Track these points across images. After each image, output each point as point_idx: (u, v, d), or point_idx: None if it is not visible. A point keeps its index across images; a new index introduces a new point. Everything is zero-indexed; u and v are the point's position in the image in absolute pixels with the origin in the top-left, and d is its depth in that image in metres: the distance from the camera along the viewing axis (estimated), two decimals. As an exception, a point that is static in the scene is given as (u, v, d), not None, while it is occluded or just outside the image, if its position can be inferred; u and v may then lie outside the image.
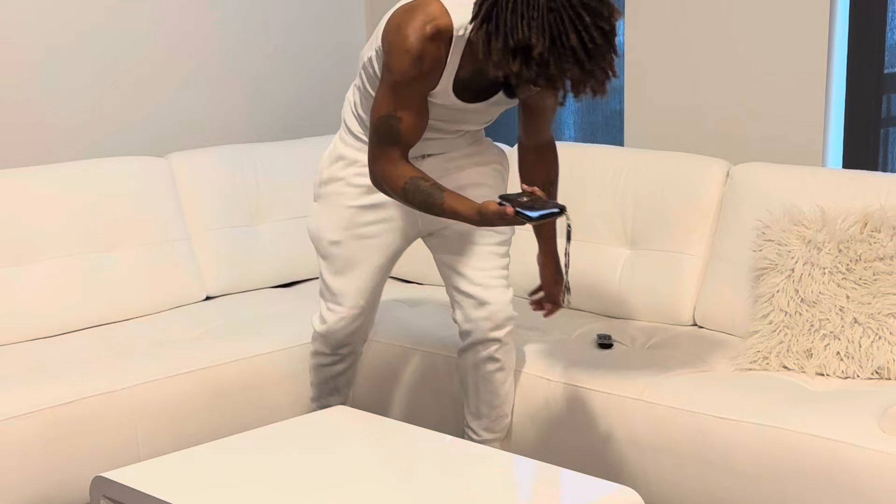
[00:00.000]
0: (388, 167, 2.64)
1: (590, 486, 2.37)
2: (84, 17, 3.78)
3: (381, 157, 2.65)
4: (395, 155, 2.64)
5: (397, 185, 2.63)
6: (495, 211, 2.46)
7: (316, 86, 4.40)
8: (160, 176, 3.70)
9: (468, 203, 2.55)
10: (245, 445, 2.56)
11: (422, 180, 2.61)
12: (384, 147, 2.64)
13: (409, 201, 2.63)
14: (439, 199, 2.57)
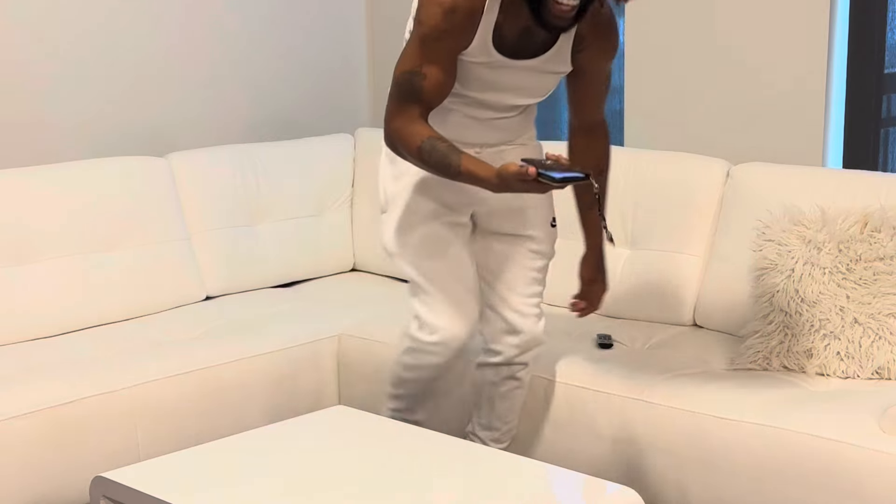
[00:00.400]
0: (405, 126, 2.51)
1: (590, 486, 2.37)
2: (84, 17, 3.78)
3: (400, 115, 2.52)
4: (414, 114, 2.51)
5: (413, 145, 2.49)
6: (515, 172, 2.31)
7: (316, 86, 4.40)
8: (160, 176, 3.70)
9: (487, 166, 2.41)
10: (245, 445, 2.56)
11: (439, 141, 2.47)
12: (404, 105, 2.52)
13: (424, 162, 2.50)
14: (456, 161, 2.43)
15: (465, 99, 2.64)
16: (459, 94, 2.62)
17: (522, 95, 2.68)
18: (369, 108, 4.58)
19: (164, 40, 3.96)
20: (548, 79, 2.66)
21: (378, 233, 2.86)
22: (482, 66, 2.56)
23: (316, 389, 3.41)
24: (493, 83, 2.60)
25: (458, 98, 2.63)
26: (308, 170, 4.07)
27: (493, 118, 2.69)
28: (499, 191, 2.39)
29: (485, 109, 2.66)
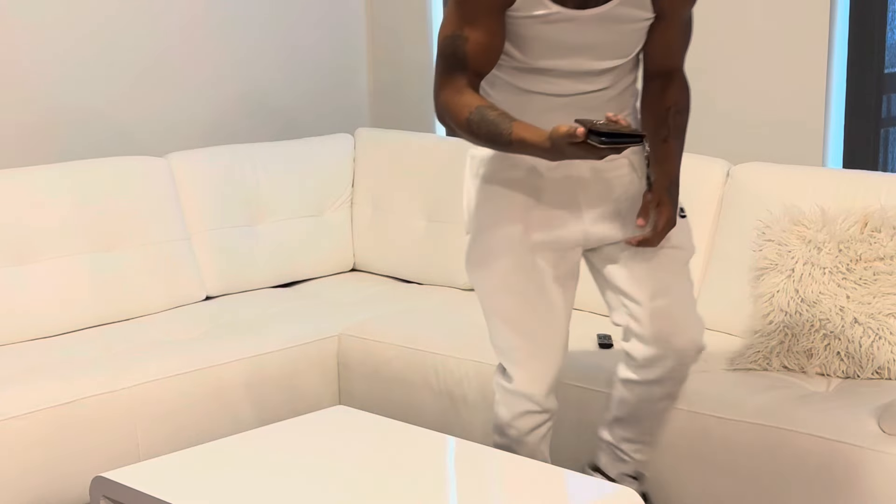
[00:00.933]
0: (452, 97, 2.31)
1: (590, 486, 2.37)
2: (84, 17, 3.78)
3: (446, 85, 2.33)
4: (461, 83, 2.31)
5: (461, 117, 2.29)
6: (565, 133, 2.10)
7: (316, 86, 4.40)
8: (160, 176, 3.70)
9: (539, 131, 2.19)
10: (245, 445, 2.56)
11: (490, 109, 2.27)
12: (449, 74, 2.32)
13: (473, 134, 2.29)
14: (507, 129, 2.22)
15: (533, 72, 2.36)
16: (525, 66, 2.36)
17: (600, 56, 2.35)
18: (369, 108, 4.58)
19: (165, 40, 3.97)
20: (627, 30, 2.35)
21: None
22: (539, 22, 2.28)
23: (316, 389, 3.41)
24: (558, 44, 2.31)
25: (526, 73, 2.37)
26: (308, 170, 4.07)
27: (577, 94, 2.38)
28: (553, 158, 2.19)
29: (560, 80, 2.36)
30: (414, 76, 4.43)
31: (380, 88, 4.55)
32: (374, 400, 3.35)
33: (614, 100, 2.43)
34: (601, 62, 2.36)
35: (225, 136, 4.12)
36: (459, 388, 3.17)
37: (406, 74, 4.45)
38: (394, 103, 4.52)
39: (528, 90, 2.38)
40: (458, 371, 3.18)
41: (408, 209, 4.00)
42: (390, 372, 3.34)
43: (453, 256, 3.85)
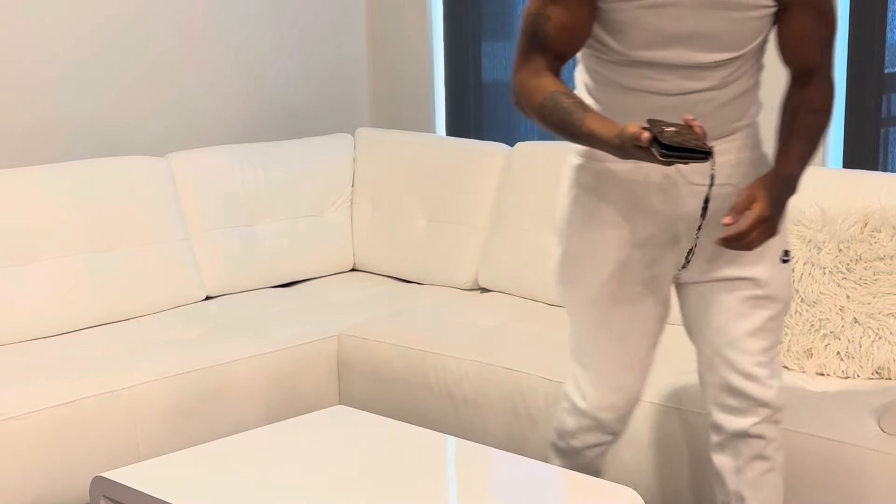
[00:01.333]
0: (528, 79, 2.18)
1: (590, 486, 2.36)
2: (84, 18, 3.78)
3: (525, 65, 2.20)
4: (540, 64, 2.17)
5: (535, 100, 2.16)
6: (632, 134, 1.98)
7: (316, 86, 4.40)
8: (160, 176, 3.70)
9: (611, 125, 2.05)
10: (245, 445, 2.56)
11: (564, 96, 2.13)
12: (529, 53, 2.19)
13: (545, 120, 2.16)
14: (579, 119, 2.09)
15: (634, 66, 2.18)
16: (625, 59, 2.18)
17: (707, 47, 2.14)
18: (369, 108, 4.58)
19: (164, 41, 3.97)
20: (740, 19, 2.13)
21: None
22: (636, 6, 2.11)
23: (316, 389, 3.41)
24: (658, 32, 2.12)
25: (626, 67, 2.19)
26: (308, 170, 4.07)
27: (683, 93, 2.18)
28: (621, 156, 2.04)
29: (664, 76, 2.17)
30: (414, 76, 4.43)
31: (380, 88, 4.56)
32: (374, 400, 3.35)
33: (728, 105, 2.21)
34: (708, 54, 2.14)
35: (225, 136, 4.12)
36: (459, 388, 3.17)
37: (406, 74, 4.45)
38: (394, 103, 4.52)
39: (631, 88, 2.20)
40: (458, 371, 3.18)
41: (408, 209, 4.00)
42: (390, 372, 3.34)
43: (453, 256, 3.85)
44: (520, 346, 3.20)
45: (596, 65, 2.24)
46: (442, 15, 4.35)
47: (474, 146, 3.97)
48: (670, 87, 2.17)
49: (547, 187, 3.67)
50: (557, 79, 2.18)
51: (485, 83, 4.33)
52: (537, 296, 3.62)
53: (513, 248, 3.70)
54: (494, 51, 4.28)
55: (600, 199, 2.30)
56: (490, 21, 4.27)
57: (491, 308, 3.59)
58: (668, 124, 1.98)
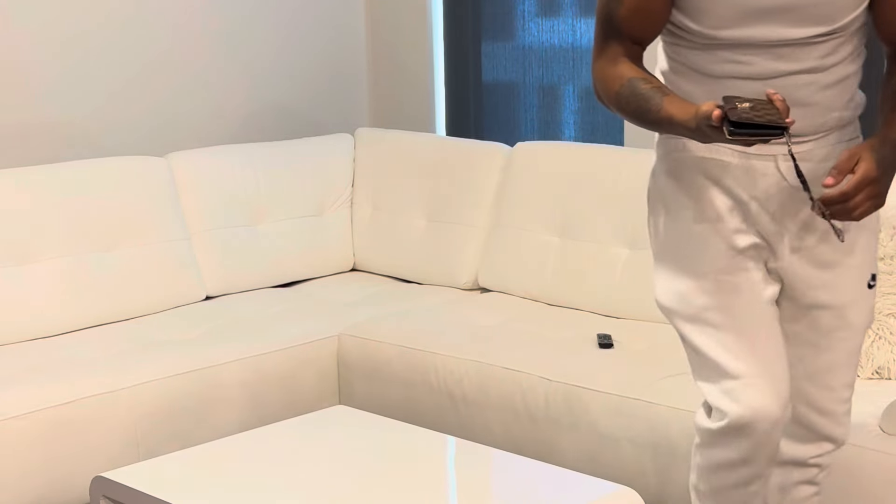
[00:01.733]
0: (606, 68, 2.06)
1: (590, 486, 2.37)
2: (83, 17, 3.78)
3: (601, 54, 2.08)
4: (616, 52, 2.05)
5: (612, 89, 2.04)
6: (704, 112, 1.84)
7: (316, 86, 4.40)
8: (160, 176, 3.70)
9: (688, 107, 1.91)
10: (245, 445, 2.56)
11: (642, 81, 2.00)
12: (605, 42, 2.08)
13: (623, 110, 2.03)
14: (657, 105, 1.95)
15: (718, 48, 2.02)
16: (707, 41, 2.02)
17: (799, 20, 1.96)
18: (369, 108, 4.58)
19: (164, 40, 3.97)
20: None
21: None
22: None
23: (316, 389, 3.40)
24: (743, 6, 1.96)
25: (710, 50, 2.03)
26: (308, 170, 4.07)
27: (778, 75, 2.01)
28: (701, 140, 1.91)
29: (753, 58, 2.00)
30: (414, 76, 4.43)
31: (380, 88, 4.55)
32: (374, 400, 3.35)
33: (826, 92, 2.04)
34: (799, 28, 1.96)
35: (225, 136, 4.12)
36: (459, 388, 3.17)
37: (406, 74, 4.45)
38: (394, 103, 4.52)
39: (716, 75, 2.04)
40: (458, 371, 3.18)
41: (408, 209, 4.00)
42: (390, 372, 3.34)
43: (453, 256, 3.85)
44: (520, 346, 3.20)
45: (675, 52, 2.09)
46: (442, 15, 4.35)
47: (474, 146, 3.97)
48: (760, 69, 2.00)
49: (547, 187, 3.67)
50: (636, 65, 2.05)
51: (485, 83, 4.33)
52: (537, 296, 3.62)
53: (513, 248, 3.70)
54: (494, 51, 4.28)
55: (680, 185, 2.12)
56: (490, 21, 4.27)
57: (491, 308, 3.59)
58: (743, 100, 1.84)
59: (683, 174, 2.11)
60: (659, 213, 2.16)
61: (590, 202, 3.56)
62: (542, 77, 4.16)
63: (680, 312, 2.15)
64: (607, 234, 3.52)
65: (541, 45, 4.14)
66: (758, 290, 2.10)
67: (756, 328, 2.09)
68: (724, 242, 2.09)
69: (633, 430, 2.86)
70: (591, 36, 4.01)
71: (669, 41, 2.10)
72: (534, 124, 4.23)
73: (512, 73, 4.25)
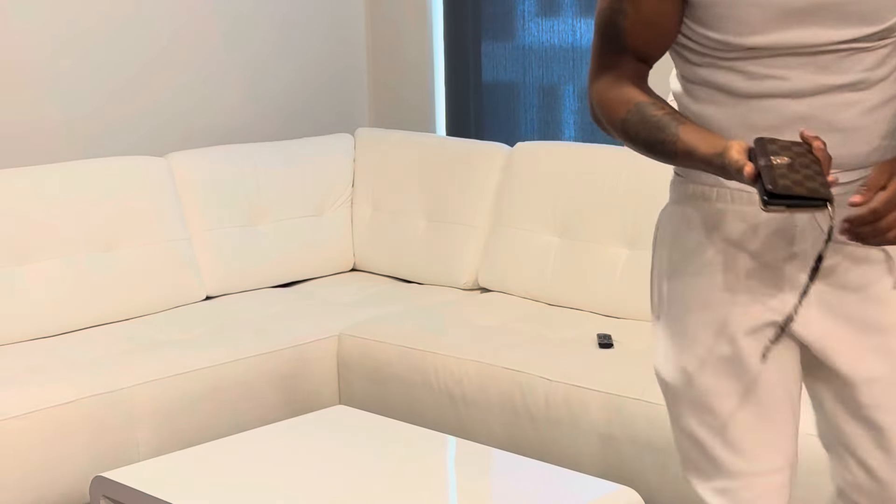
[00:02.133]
0: (608, 89, 1.77)
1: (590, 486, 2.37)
2: (83, 17, 3.78)
3: (601, 73, 1.79)
4: (619, 70, 1.77)
5: (616, 115, 1.75)
6: (734, 162, 1.56)
7: (316, 85, 4.40)
8: (160, 176, 3.70)
9: (712, 140, 1.63)
10: (245, 445, 2.56)
11: (653, 106, 1.72)
12: (606, 59, 1.78)
13: (631, 140, 1.74)
14: (672, 135, 1.67)
15: (746, 60, 1.69)
16: (733, 53, 1.69)
17: (840, 20, 1.65)
18: (369, 108, 4.58)
19: (164, 40, 3.97)
20: None
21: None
22: None
23: (316, 389, 3.41)
24: (776, 6, 1.64)
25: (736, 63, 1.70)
26: (308, 170, 4.07)
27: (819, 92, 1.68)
28: (719, 175, 1.63)
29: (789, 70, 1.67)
30: (414, 76, 4.43)
31: (380, 88, 4.56)
32: (374, 400, 3.35)
33: (875, 114, 1.70)
34: (843, 29, 1.65)
35: (225, 136, 4.12)
36: (459, 388, 3.17)
37: (406, 74, 4.46)
38: (394, 103, 4.52)
39: (744, 94, 1.71)
40: (458, 371, 3.18)
41: (408, 209, 4.00)
42: (390, 372, 3.34)
43: (453, 256, 3.85)
44: (520, 346, 3.20)
45: (689, 71, 1.78)
46: (442, 15, 4.35)
47: (474, 146, 3.97)
48: (797, 85, 1.67)
49: (547, 187, 3.67)
50: (643, 86, 1.77)
51: (485, 83, 4.33)
52: (537, 296, 3.62)
53: (513, 248, 3.70)
54: (494, 51, 4.28)
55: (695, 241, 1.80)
56: (490, 21, 4.27)
57: (491, 308, 3.59)
58: (779, 149, 1.57)
59: (701, 228, 1.79)
60: (665, 264, 1.84)
61: (590, 202, 3.56)
62: (542, 77, 4.17)
63: (680, 392, 1.82)
64: (607, 234, 3.52)
65: (541, 45, 4.14)
66: (782, 372, 1.77)
67: (770, 416, 1.77)
68: (743, 316, 1.75)
69: (633, 430, 2.86)
70: (591, 36, 4.02)
71: (683, 58, 1.79)
72: (534, 124, 4.24)
73: (512, 73, 4.25)
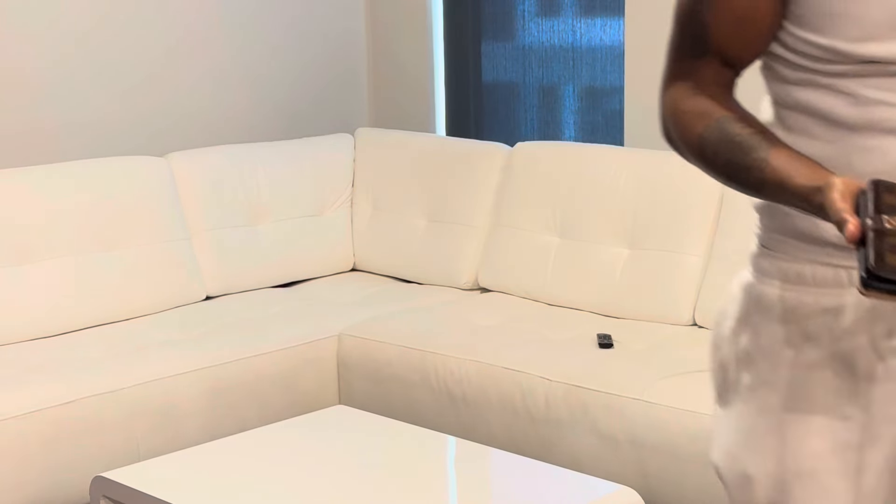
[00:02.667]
0: (683, 99, 1.45)
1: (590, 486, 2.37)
2: (84, 17, 3.78)
3: (677, 79, 1.48)
4: (699, 75, 1.45)
5: (692, 131, 1.42)
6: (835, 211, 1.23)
7: (316, 85, 4.40)
8: (160, 176, 3.70)
9: (813, 170, 1.30)
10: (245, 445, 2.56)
11: (737, 122, 1.40)
12: (683, 62, 1.48)
13: (707, 162, 1.42)
14: (760, 158, 1.34)
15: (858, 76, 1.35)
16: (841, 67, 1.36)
17: None
18: (369, 108, 4.58)
19: (164, 40, 3.97)
20: None
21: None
22: None
23: (316, 389, 3.41)
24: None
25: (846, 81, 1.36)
26: (308, 170, 4.07)
27: None
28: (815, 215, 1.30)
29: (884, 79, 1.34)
30: (414, 76, 4.43)
31: (380, 88, 4.56)
32: (374, 400, 3.35)
33: None
34: None
35: (225, 136, 4.11)
36: (459, 388, 3.17)
37: (406, 74, 4.45)
38: (394, 103, 4.52)
39: (848, 125, 1.37)
40: (458, 371, 3.18)
41: (408, 209, 4.00)
42: (390, 372, 3.34)
43: (453, 256, 3.85)
44: (520, 346, 3.20)
45: (784, 91, 1.45)
46: (442, 15, 4.35)
47: (474, 146, 3.97)
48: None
49: (547, 187, 3.67)
50: (728, 97, 1.45)
51: (485, 83, 4.33)
52: (537, 296, 3.62)
53: (513, 248, 3.70)
54: (494, 51, 4.28)
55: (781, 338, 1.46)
56: (490, 21, 4.27)
57: (491, 308, 3.59)
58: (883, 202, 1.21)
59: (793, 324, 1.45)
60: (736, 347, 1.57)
61: (590, 202, 3.56)
62: (542, 77, 4.17)
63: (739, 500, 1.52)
64: (607, 234, 3.52)
65: (541, 45, 4.14)
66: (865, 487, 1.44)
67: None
68: (827, 432, 1.43)
69: (633, 430, 2.86)
70: (590, 36, 4.03)
71: (775, 74, 1.45)
72: (534, 124, 4.24)
73: (512, 73, 4.25)
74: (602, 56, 4.01)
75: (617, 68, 3.95)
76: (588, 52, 4.03)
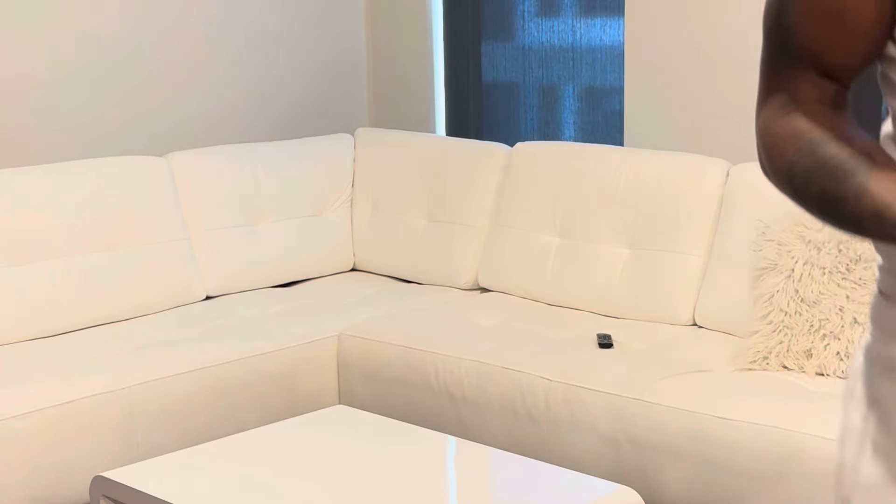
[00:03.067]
0: (776, 119, 1.22)
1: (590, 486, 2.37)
2: (84, 17, 3.78)
3: (769, 97, 1.25)
4: (792, 90, 1.22)
5: (782, 158, 1.20)
6: None
7: (317, 85, 4.40)
8: (160, 176, 3.70)
9: None
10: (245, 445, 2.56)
11: (832, 143, 1.15)
12: (774, 74, 1.24)
13: (797, 194, 1.19)
14: (857, 184, 1.11)
15: None
16: None
17: None
18: (369, 108, 4.58)
19: (164, 41, 3.97)
20: None
21: None
22: None
23: (316, 389, 3.41)
24: None
25: None
26: (308, 170, 4.07)
27: None
28: None
29: None
30: (414, 76, 4.43)
31: (380, 88, 4.56)
32: (374, 400, 3.35)
33: None
34: None
35: (225, 136, 4.12)
36: (459, 388, 3.17)
37: (406, 74, 4.46)
38: (394, 103, 4.52)
39: None
40: (458, 371, 3.18)
41: (408, 209, 4.00)
42: (390, 372, 3.34)
43: (453, 256, 3.85)
44: (520, 346, 3.20)
45: None
46: (442, 15, 4.35)
47: (474, 146, 3.97)
48: None
49: (547, 187, 3.67)
50: (828, 114, 1.20)
51: (485, 83, 4.33)
52: (537, 296, 3.62)
53: (513, 248, 3.70)
54: (494, 51, 4.28)
55: None
56: (490, 21, 4.27)
57: (491, 308, 3.59)
58: None
59: None
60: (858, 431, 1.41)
61: (590, 202, 3.56)
62: (541, 77, 4.17)
63: None
64: (607, 234, 3.52)
65: (541, 45, 4.14)
66: None
67: None
68: None
69: (633, 430, 2.86)
70: (590, 36, 4.03)
71: (890, 82, 1.23)
72: (534, 124, 4.24)
73: (512, 74, 4.25)
74: (602, 56, 4.02)
75: (617, 68, 3.96)
76: (588, 52, 4.03)
